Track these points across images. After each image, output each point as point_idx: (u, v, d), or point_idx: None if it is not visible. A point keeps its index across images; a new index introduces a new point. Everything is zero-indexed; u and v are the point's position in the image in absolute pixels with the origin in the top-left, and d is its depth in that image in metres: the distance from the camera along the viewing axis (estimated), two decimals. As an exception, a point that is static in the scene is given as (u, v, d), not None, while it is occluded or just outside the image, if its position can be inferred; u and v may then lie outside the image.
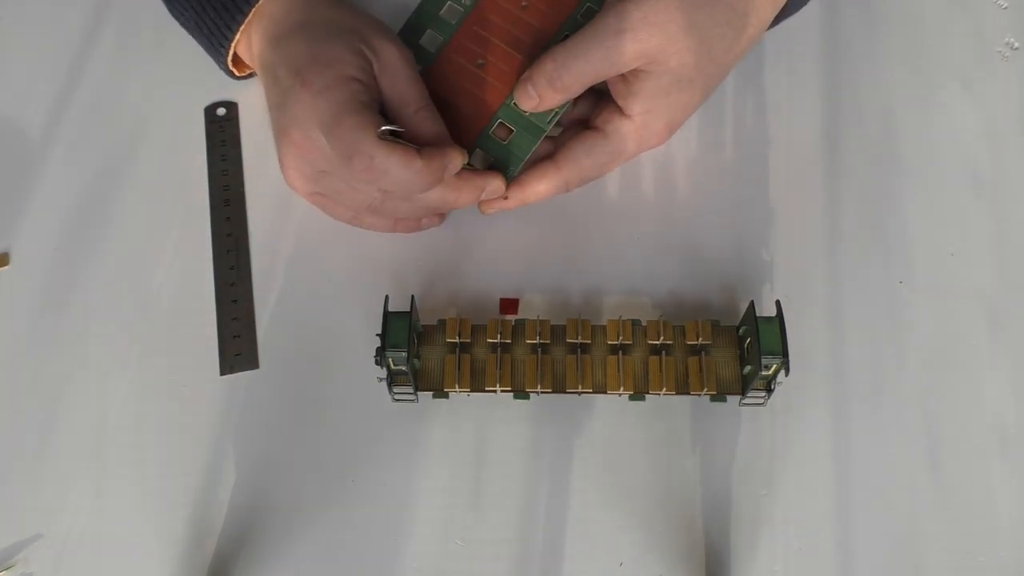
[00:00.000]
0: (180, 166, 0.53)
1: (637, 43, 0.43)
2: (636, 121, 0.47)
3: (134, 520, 0.44)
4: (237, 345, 0.48)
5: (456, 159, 0.46)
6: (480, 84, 0.49)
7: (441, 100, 0.48)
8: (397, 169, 0.44)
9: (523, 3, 0.49)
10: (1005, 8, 0.57)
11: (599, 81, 0.45)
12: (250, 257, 0.51)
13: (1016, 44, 0.56)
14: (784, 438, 0.45)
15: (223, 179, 0.53)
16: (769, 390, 0.44)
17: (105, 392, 0.47)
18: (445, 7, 0.50)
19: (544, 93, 0.46)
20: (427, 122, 0.47)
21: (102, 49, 0.57)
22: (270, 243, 0.51)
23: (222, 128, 0.54)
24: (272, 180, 0.53)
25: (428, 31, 0.50)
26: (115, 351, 0.48)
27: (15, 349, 0.49)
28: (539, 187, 0.48)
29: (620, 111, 0.47)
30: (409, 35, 0.50)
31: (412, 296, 0.45)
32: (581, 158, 0.48)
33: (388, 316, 0.43)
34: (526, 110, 0.47)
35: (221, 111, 0.55)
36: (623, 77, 0.46)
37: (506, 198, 0.48)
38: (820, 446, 0.45)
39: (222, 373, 0.48)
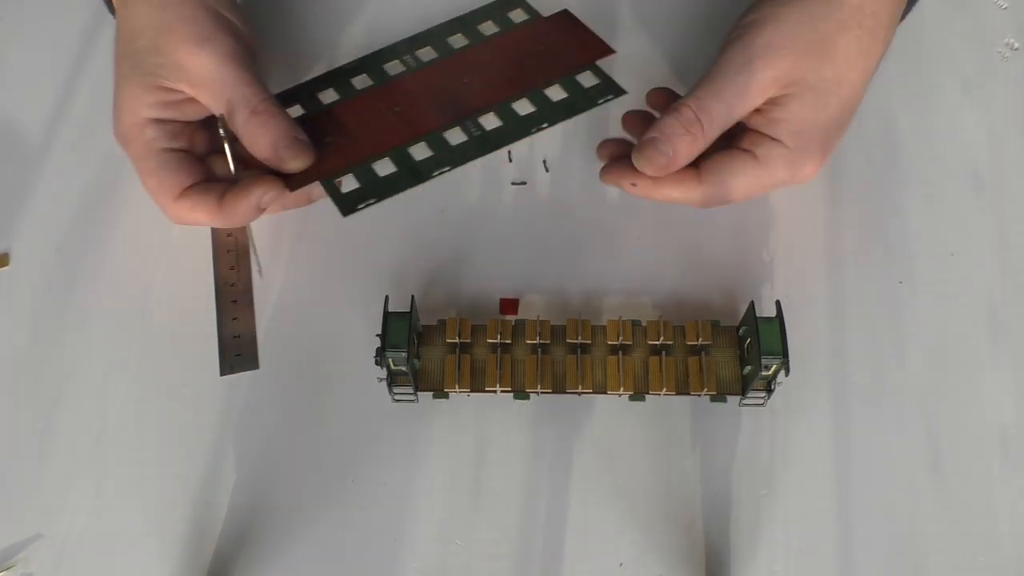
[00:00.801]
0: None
1: (769, 70, 0.42)
2: (788, 146, 0.44)
3: (134, 520, 0.44)
4: (237, 345, 0.48)
5: (268, 192, 0.44)
6: (394, 120, 0.49)
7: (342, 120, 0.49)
8: (201, 222, 0.44)
9: (464, 80, 0.50)
10: (1005, 8, 0.57)
11: (734, 123, 0.43)
12: (250, 256, 0.51)
13: (1016, 44, 0.56)
14: (784, 438, 0.45)
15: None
16: (769, 390, 0.44)
17: (105, 392, 0.47)
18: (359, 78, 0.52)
19: (680, 145, 0.42)
20: (262, 128, 0.43)
21: (102, 50, 0.57)
22: (269, 243, 0.51)
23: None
24: (272, 180, 0.53)
25: (330, 90, 0.51)
26: (115, 351, 0.48)
27: (15, 349, 0.48)
28: (673, 192, 0.44)
29: (769, 136, 0.44)
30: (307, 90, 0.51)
31: (412, 296, 0.45)
32: (726, 176, 0.44)
33: (388, 316, 0.43)
34: (651, 173, 0.44)
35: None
36: (760, 111, 0.44)
37: (634, 184, 0.45)
38: (820, 446, 0.45)
39: (222, 373, 0.48)
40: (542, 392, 0.45)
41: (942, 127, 0.53)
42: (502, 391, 0.45)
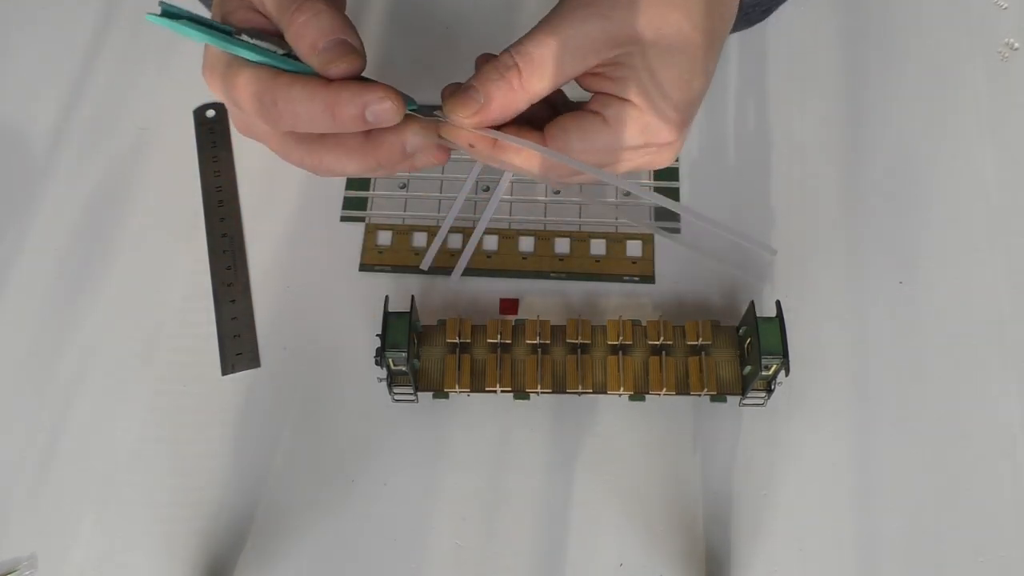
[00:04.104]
0: (175, 169, 0.53)
1: (600, 21, 0.37)
2: (638, 105, 0.38)
3: (135, 519, 0.44)
4: (238, 344, 0.48)
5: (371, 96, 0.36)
6: None
7: None
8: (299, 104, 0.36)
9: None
10: (1005, 8, 0.57)
11: (565, 79, 0.38)
12: (247, 256, 0.51)
13: (1016, 44, 0.56)
14: (784, 438, 0.45)
15: (215, 180, 0.53)
16: (769, 390, 0.44)
17: (108, 395, 0.47)
18: None
19: (493, 90, 0.37)
20: (304, 28, 0.36)
21: (102, 58, 0.57)
22: (266, 242, 0.51)
23: (212, 130, 0.54)
24: (265, 179, 0.53)
25: None
26: (117, 355, 0.48)
27: (19, 352, 0.48)
28: (514, 158, 0.39)
29: (617, 96, 0.39)
30: None
31: (412, 296, 0.44)
32: (572, 139, 0.39)
33: (388, 316, 0.43)
34: (464, 121, 0.38)
35: (210, 113, 0.55)
36: (604, 74, 0.39)
37: (472, 145, 0.39)
38: (821, 446, 0.45)
39: (223, 373, 0.47)
40: (542, 392, 0.45)
41: (942, 127, 0.53)
42: (502, 391, 0.45)
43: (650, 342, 0.45)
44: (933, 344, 0.47)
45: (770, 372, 0.43)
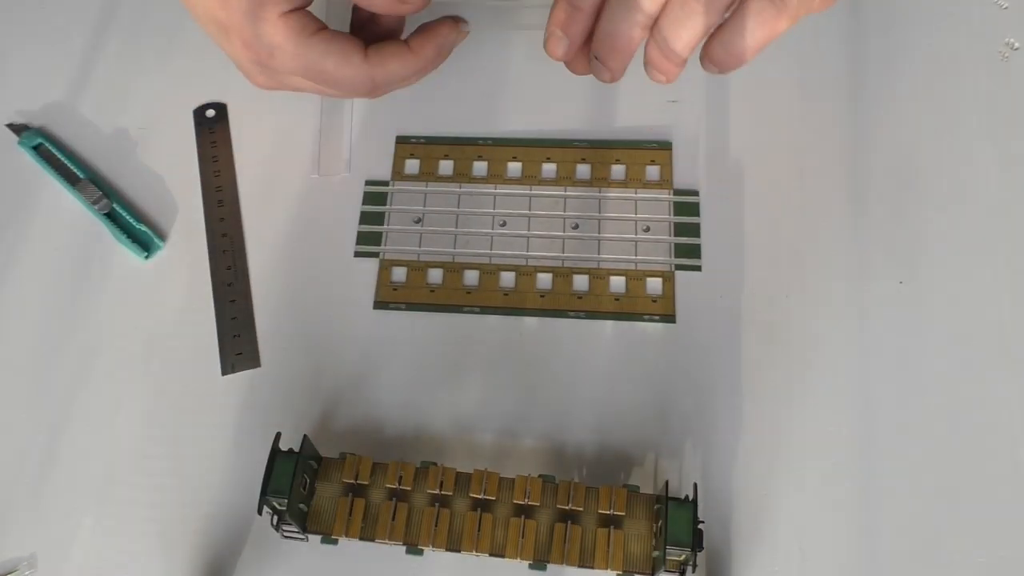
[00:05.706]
0: (175, 169, 0.53)
1: None
2: None
3: (134, 520, 0.44)
4: (237, 344, 0.48)
5: (453, 32, 0.45)
6: None
7: None
8: (396, 73, 0.44)
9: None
10: (1005, 8, 0.57)
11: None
12: (246, 256, 0.51)
13: (1016, 44, 0.56)
14: (786, 438, 0.45)
15: (216, 180, 0.53)
16: (682, 573, 0.40)
17: (108, 396, 0.47)
18: None
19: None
20: None
21: (102, 58, 0.57)
22: (266, 242, 0.51)
23: (212, 130, 0.54)
24: (265, 178, 0.53)
25: None
26: (117, 355, 0.48)
27: (19, 352, 0.49)
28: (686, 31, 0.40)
29: None
30: None
31: (305, 435, 0.41)
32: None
33: (275, 455, 0.40)
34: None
35: (210, 112, 0.55)
36: None
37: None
38: (821, 447, 0.45)
39: (224, 373, 0.47)
40: (435, 549, 0.41)
41: (941, 127, 0.53)
42: (392, 543, 0.41)
43: (559, 506, 0.41)
44: (933, 344, 0.47)
45: (680, 559, 0.39)
